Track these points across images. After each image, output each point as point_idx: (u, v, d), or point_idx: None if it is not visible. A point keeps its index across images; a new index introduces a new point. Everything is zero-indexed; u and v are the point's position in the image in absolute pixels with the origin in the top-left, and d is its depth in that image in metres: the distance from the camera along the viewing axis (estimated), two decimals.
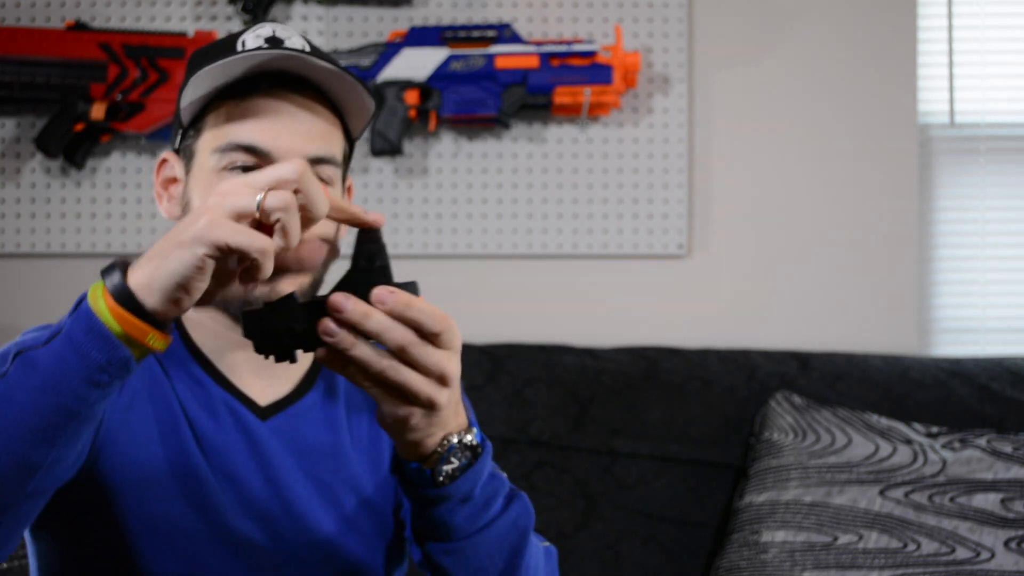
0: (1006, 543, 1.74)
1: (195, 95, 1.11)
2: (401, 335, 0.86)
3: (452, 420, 0.95)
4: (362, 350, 0.86)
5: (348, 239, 1.92)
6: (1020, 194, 2.24)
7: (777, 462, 1.84)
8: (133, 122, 2.06)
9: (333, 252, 1.18)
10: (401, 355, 0.87)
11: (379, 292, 0.86)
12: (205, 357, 1.16)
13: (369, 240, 0.88)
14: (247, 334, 0.88)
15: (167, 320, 0.87)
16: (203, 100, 1.13)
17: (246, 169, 1.11)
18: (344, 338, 0.86)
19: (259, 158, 1.11)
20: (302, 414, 1.18)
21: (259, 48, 1.11)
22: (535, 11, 2.16)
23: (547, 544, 1.12)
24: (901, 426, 1.86)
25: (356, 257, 0.88)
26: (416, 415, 0.90)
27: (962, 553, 1.73)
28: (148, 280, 0.84)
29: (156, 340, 0.87)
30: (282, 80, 1.11)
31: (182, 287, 0.84)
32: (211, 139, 1.12)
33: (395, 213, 2.15)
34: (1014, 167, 2.24)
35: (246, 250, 0.82)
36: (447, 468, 0.96)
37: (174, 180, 1.19)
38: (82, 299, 0.87)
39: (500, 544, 1.02)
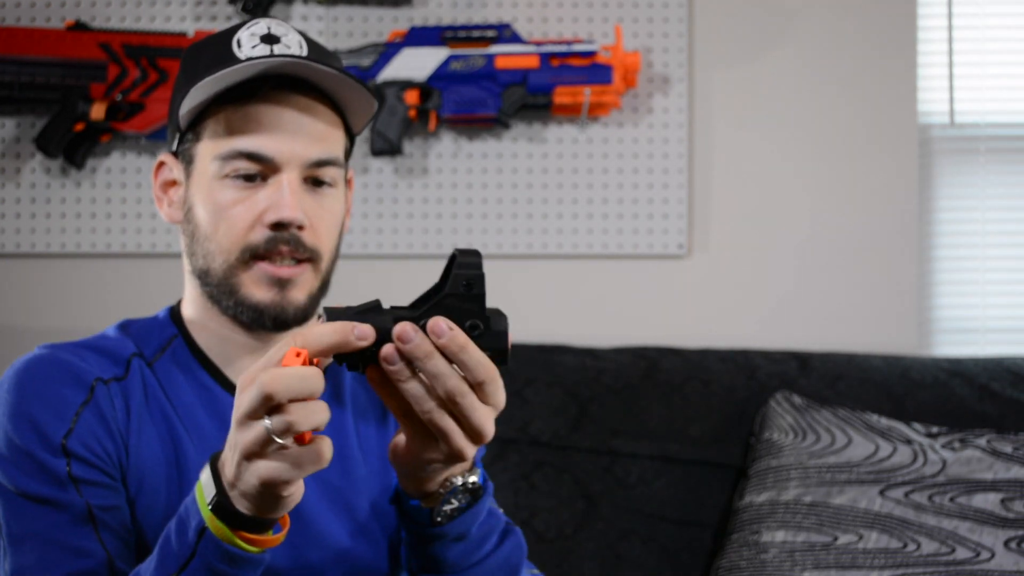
0: (1006, 543, 1.74)
1: (194, 103, 1.11)
2: (454, 384, 0.84)
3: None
4: (414, 387, 0.85)
5: (352, 238, 1.89)
6: (1020, 194, 2.24)
7: (777, 462, 1.84)
8: (133, 122, 2.06)
9: (336, 252, 1.18)
10: (447, 402, 0.85)
11: (438, 324, 0.83)
12: (212, 363, 1.15)
13: (469, 265, 0.85)
14: None
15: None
16: (202, 106, 1.12)
17: (248, 177, 1.11)
18: (401, 371, 0.84)
19: (262, 165, 1.10)
20: None
21: (255, 47, 1.11)
22: (535, 11, 2.16)
23: (536, 572, 1.12)
24: (901, 426, 1.86)
25: (454, 279, 0.85)
26: (439, 460, 0.90)
27: (962, 553, 1.73)
28: (256, 510, 0.87)
29: (283, 537, 0.91)
30: (282, 82, 1.11)
31: (281, 498, 0.86)
32: (212, 146, 1.12)
33: (395, 213, 2.14)
34: (1014, 167, 2.24)
35: (294, 477, 0.84)
36: (446, 508, 0.96)
37: (173, 183, 1.18)
38: (199, 525, 0.89)
39: None
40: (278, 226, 1.09)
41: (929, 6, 2.23)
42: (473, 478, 0.96)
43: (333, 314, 0.84)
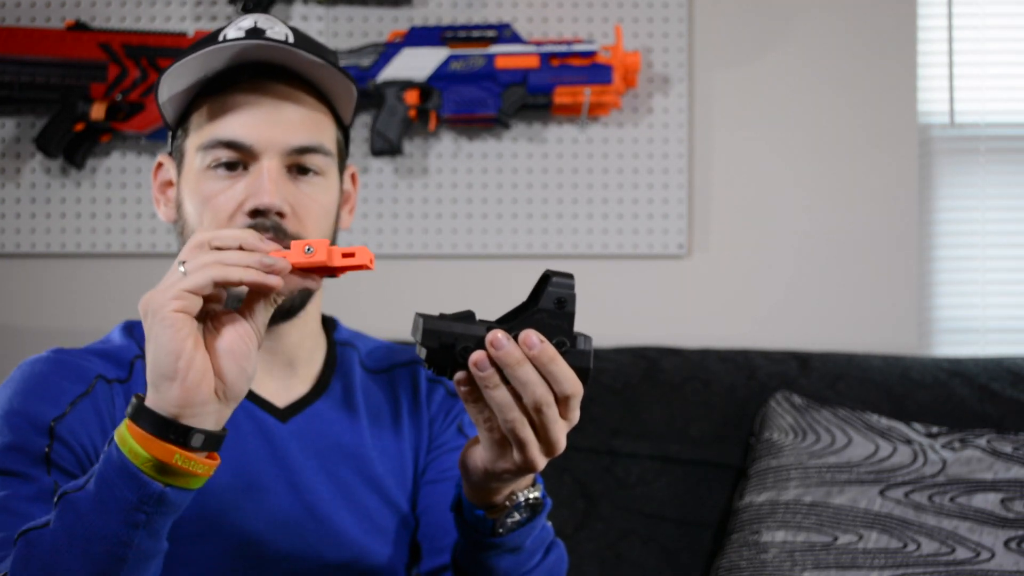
0: (1006, 543, 1.74)
1: (172, 91, 1.10)
2: (541, 393, 0.85)
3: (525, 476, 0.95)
4: (501, 394, 0.85)
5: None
6: (1020, 194, 2.24)
7: (777, 462, 1.84)
8: (133, 122, 2.06)
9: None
10: (532, 411, 0.86)
11: (529, 337, 0.84)
12: None
13: (563, 284, 0.87)
14: (424, 341, 0.86)
15: (192, 423, 0.84)
16: (181, 96, 1.12)
17: (230, 165, 1.11)
18: (490, 377, 0.84)
19: (242, 153, 1.10)
20: (321, 414, 1.17)
21: (238, 39, 1.09)
22: (535, 11, 2.16)
23: None
24: (901, 426, 1.86)
25: (547, 296, 0.86)
26: (511, 471, 0.91)
27: (962, 553, 1.73)
28: (150, 378, 0.84)
29: (187, 461, 0.83)
30: (263, 71, 1.10)
31: (176, 356, 0.82)
32: (196, 138, 1.11)
33: (395, 213, 2.14)
34: (1014, 167, 2.24)
35: (201, 285, 0.84)
36: (508, 521, 0.98)
37: (170, 183, 1.18)
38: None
39: None
40: (257, 213, 1.09)
41: (929, 6, 2.23)
42: (535, 494, 0.99)
43: (428, 321, 0.85)
